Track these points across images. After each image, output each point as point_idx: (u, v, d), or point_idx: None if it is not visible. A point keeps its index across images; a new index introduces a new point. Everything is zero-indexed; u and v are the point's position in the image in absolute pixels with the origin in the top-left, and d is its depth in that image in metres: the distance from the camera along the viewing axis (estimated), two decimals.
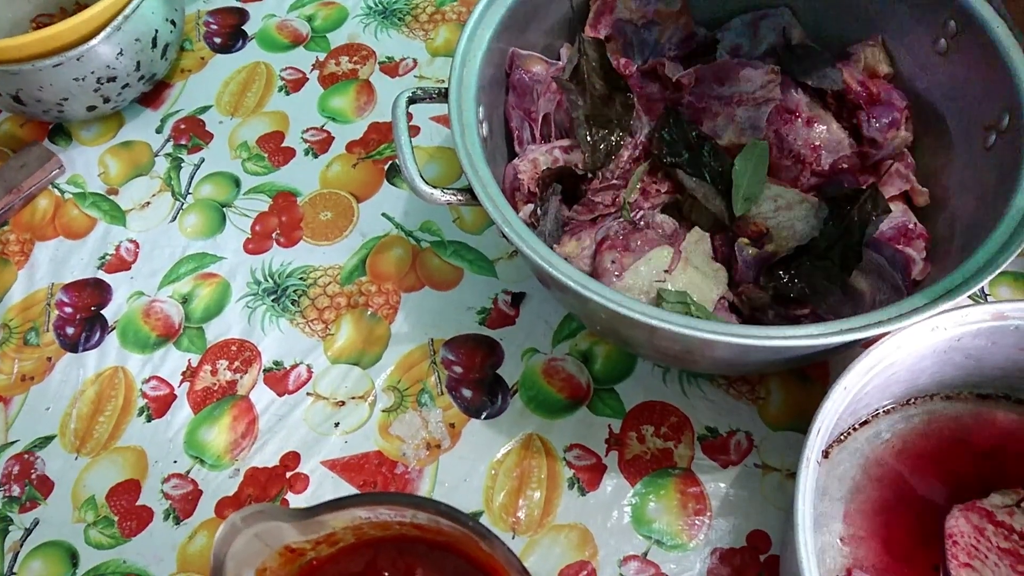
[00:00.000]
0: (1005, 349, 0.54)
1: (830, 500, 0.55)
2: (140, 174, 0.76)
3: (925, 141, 0.64)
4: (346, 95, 0.80)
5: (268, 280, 0.70)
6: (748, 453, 0.60)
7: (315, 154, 0.77)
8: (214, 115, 0.80)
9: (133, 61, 0.73)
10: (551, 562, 0.57)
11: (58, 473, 0.62)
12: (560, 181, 0.61)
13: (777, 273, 0.57)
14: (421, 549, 0.46)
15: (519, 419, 0.62)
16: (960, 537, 0.52)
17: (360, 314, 0.68)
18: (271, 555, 0.43)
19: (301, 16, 0.86)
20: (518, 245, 0.51)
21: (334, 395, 0.64)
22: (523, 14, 0.63)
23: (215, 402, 0.64)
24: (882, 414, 0.58)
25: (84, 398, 0.65)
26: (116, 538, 0.59)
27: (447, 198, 0.56)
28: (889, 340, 0.51)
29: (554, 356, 0.65)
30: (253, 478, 0.61)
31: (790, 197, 0.60)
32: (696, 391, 0.63)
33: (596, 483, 0.60)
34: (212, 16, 0.86)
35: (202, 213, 0.74)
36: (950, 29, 0.60)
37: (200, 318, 0.68)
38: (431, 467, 0.61)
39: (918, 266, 0.59)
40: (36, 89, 0.70)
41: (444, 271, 0.69)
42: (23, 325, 0.69)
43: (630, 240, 0.59)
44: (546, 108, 0.64)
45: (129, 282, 0.71)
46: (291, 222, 0.73)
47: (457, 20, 0.84)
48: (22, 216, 0.75)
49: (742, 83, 0.64)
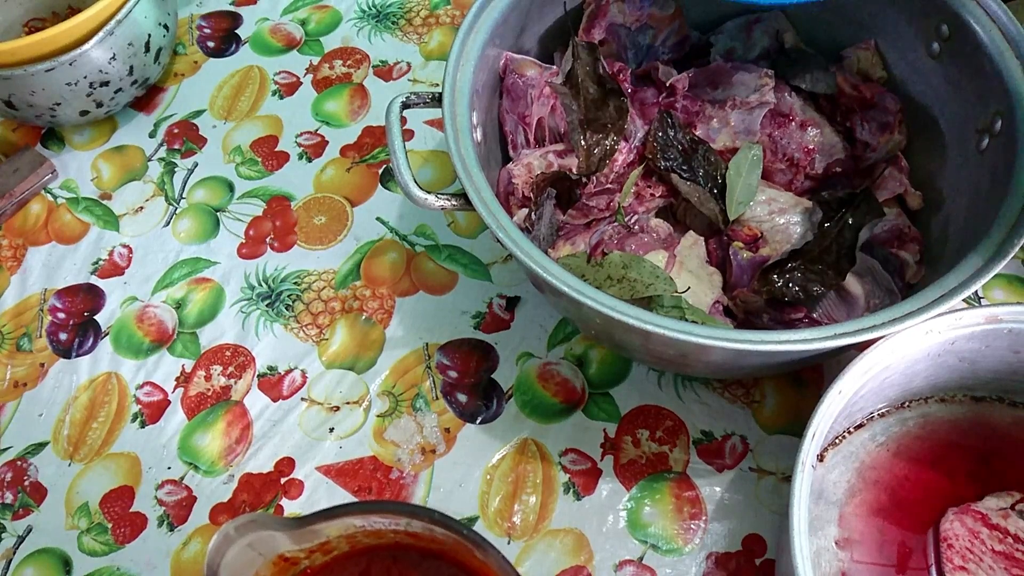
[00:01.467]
0: (999, 352, 0.54)
1: (825, 503, 0.55)
2: (133, 179, 0.76)
3: (918, 144, 0.64)
4: (340, 99, 0.80)
5: (262, 285, 0.70)
6: (743, 457, 0.60)
7: (309, 158, 0.76)
8: (207, 119, 0.79)
9: (126, 65, 0.73)
10: (547, 567, 0.57)
11: (51, 480, 0.62)
12: (554, 185, 0.61)
13: (771, 277, 0.57)
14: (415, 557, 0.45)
15: (514, 423, 0.62)
16: (955, 540, 0.52)
17: (354, 319, 0.68)
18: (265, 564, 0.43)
19: (294, 20, 0.86)
20: (512, 250, 0.51)
21: (328, 400, 0.64)
22: (517, 18, 0.63)
23: (209, 408, 0.64)
24: (877, 417, 0.58)
25: (77, 404, 0.65)
26: (109, 545, 0.59)
27: (441, 203, 0.56)
28: (883, 344, 0.51)
29: (549, 360, 0.65)
30: (247, 484, 0.61)
31: (784, 201, 0.60)
32: (691, 395, 0.63)
33: (591, 487, 0.60)
34: (205, 20, 0.86)
35: (196, 218, 0.74)
36: (942, 33, 0.60)
37: (194, 323, 0.68)
38: (426, 472, 0.61)
39: (912, 269, 0.59)
40: (28, 94, 0.70)
41: (439, 275, 0.69)
42: (16, 331, 0.69)
43: (625, 244, 0.59)
44: (540, 112, 0.64)
45: (122, 287, 0.70)
46: (285, 226, 0.73)
47: (451, 24, 0.84)
48: (14, 221, 0.74)
49: (736, 87, 0.64)
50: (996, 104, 0.56)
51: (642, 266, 0.56)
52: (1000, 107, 0.55)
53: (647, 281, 0.55)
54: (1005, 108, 0.55)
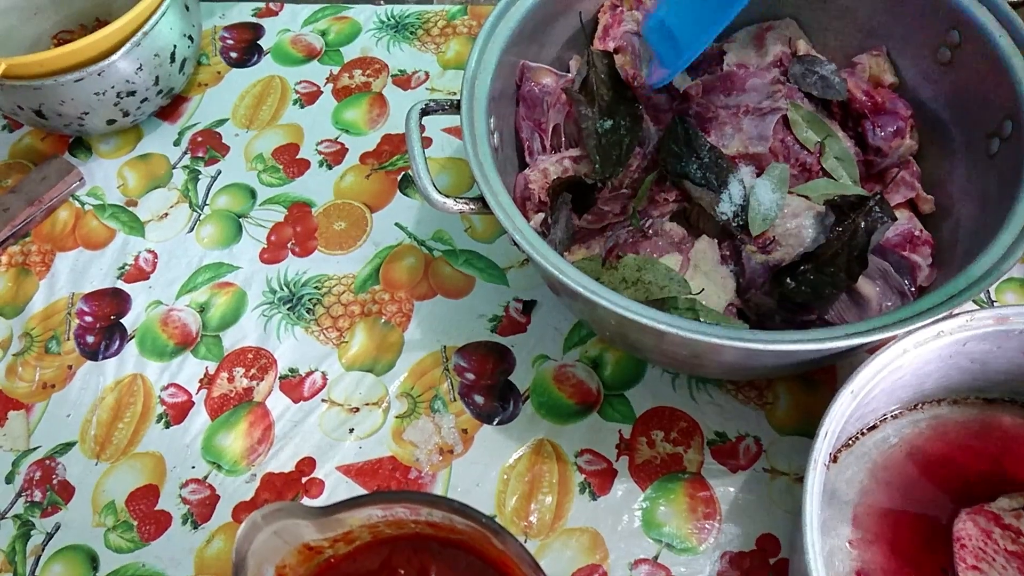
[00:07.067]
0: (1010, 353, 0.54)
1: (838, 504, 0.56)
2: (158, 186, 0.78)
3: (929, 149, 0.65)
4: (359, 107, 0.81)
5: (283, 289, 0.71)
6: (757, 457, 0.61)
7: (329, 165, 0.78)
8: (230, 128, 0.81)
9: (152, 76, 0.75)
10: (562, 565, 0.58)
11: (78, 478, 0.63)
12: (570, 190, 0.62)
13: (784, 279, 0.57)
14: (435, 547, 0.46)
15: (530, 425, 0.63)
16: (968, 540, 0.53)
17: (374, 322, 0.69)
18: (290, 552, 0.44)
19: (315, 31, 0.87)
20: (529, 253, 0.52)
21: (348, 401, 0.65)
22: (533, 27, 0.64)
23: (232, 408, 0.65)
24: (889, 419, 0.59)
25: (104, 405, 0.66)
26: (135, 542, 0.60)
27: (459, 207, 0.57)
28: (895, 345, 0.51)
29: (564, 362, 0.66)
30: (269, 483, 0.62)
31: (797, 205, 0.61)
32: (705, 396, 0.63)
33: (607, 487, 0.60)
34: (228, 31, 0.88)
35: (219, 224, 0.75)
36: (952, 39, 0.60)
37: (217, 326, 0.70)
38: (444, 472, 0.62)
39: (924, 272, 0.59)
40: (58, 104, 0.72)
41: (456, 279, 0.71)
42: (44, 334, 0.70)
43: (639, 248, 0.60)
44: (556, 119, 0.65)
45: (147, 291, 0.72)
46: (306, 232, 0.74)
47: (468, 34, 0.86)
48: (43, 227, 0.76)
49: (748, 93, 0.65)
50: (1006, 108, 0.56)
51: (656, 269, 0.57)
52: (1010, 111, 0.56)
53: (661, 283, 0.56)
54: (1015, 112, 0.56)
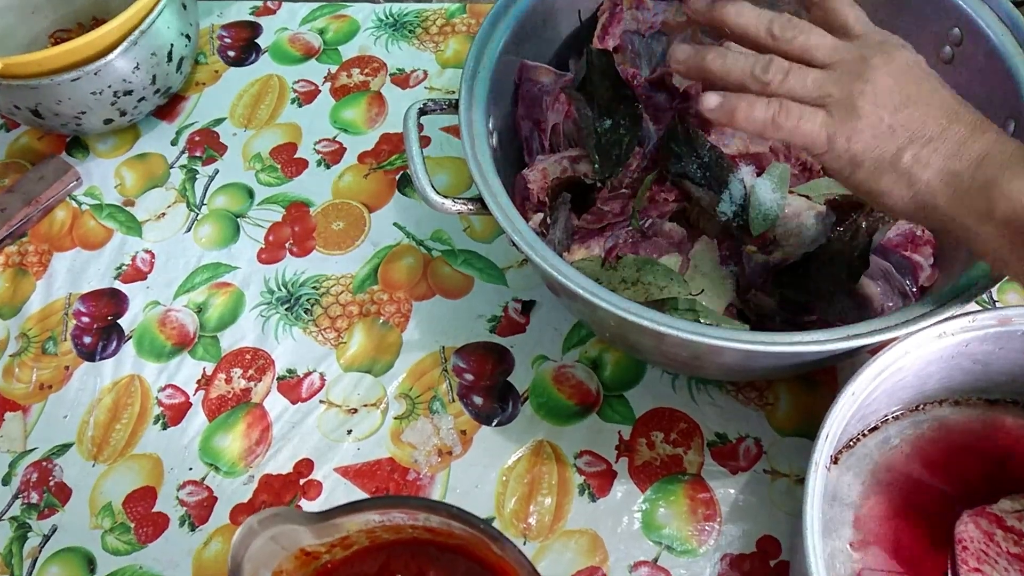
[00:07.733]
0: (1012, 354, 0.54)
1: (840, 505, 0.56)
2: (155, 185, 0.78)
3: None
4: (357, 107, 0.81)
5: (281, 289, 0.71)
6: (757, 459, 0.61)
7: (327, 165, 0.78)
8: (228, 127, 0.81)
9: (149, 75, 0.75)
10: (562, 567, 0.57)
11: (76, 480, 0.63)
12: (569, 190, 0.62)
13: (784, 280, 0.57)
14: (433, 552, 0.46)
15: (529, 426, 0.63)
16: (970, 542, 0.52)
17: (372, 322, 0.69)
18: (287, 557, 0.44)
19: (313, 29, 0.87)
20: (528, 253, 0.51)
21: (347, 403, 0.65)
22: (532, 26, 0.64)
23: (229, 410, 0.65)
24: (891, 420, 0.58)
25: (101, 406, 0.66)
26: (132, 544, 0.60)
27: (458, 207, 0.57)
28: (897, 346, 0.51)
29: (564, 363, 0.65)
30: (267, 485, 0.62)
31: (797, 204, 0.61)
32: (705, 397, 0.63)
33: (606, 489, 0.60)
34: (226, 30, 0.88)
35: (216, 223, 0.75)
36: (954, 37, 0.60)
37: (215, 327, 0.69)
38: (443, 473, 0.62)
39: (926, 272, 0.59)
40: (55, 103, 0.72)
41: (455, 279, 0.70)
42: (41, 334, 0.70)
43: (639, 248, 0.59)
44: (555, 118, 0.65)
45: (145, 292, 0.72)
46: (304, 232, 0.74)
47: (467, 32, 0.85)
48: (40, 227, 0.76)
49: None
50: (1008, 108, 0.56)
51: (656, 269, 0.56)
52: (1012, 111, 0.56)
53: (661, 284, 0.56)
54: (1017, 111, 0.55)
